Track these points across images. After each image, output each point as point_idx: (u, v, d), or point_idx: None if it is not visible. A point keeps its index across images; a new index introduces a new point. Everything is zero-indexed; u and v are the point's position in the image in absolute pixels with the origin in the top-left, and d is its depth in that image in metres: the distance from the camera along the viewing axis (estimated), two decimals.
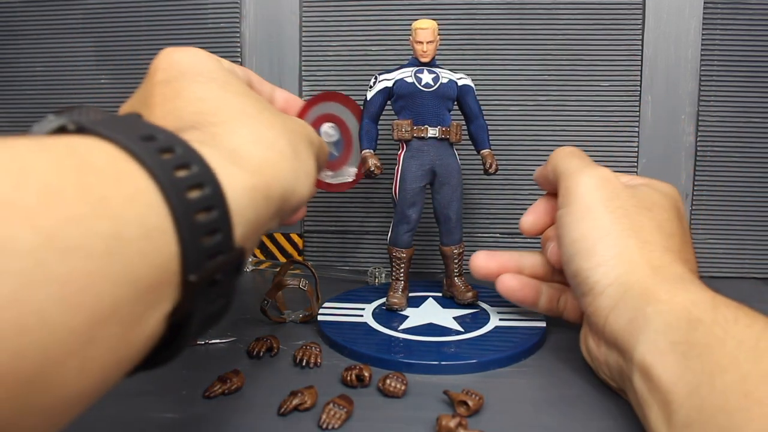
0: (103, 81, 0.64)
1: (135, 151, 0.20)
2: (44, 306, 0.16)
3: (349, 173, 0.49)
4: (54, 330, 0.16)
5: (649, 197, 0.38)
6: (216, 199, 0.22)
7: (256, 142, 0.28)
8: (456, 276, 0.49)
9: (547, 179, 0.43)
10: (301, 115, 0.46)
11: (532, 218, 0.44)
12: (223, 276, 0.22)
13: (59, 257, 0.16)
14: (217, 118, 0.28)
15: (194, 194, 0.21)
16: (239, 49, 0.62)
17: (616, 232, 0.35)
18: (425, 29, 0.46)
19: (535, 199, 0.45)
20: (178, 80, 0.30)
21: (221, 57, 0.65)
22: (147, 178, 0.20)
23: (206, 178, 0.22)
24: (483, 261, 0.44)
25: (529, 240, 0.58)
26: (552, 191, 0.43)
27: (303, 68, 0.61)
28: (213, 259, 0.22)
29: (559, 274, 0.42)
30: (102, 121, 0.22)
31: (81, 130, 0.21)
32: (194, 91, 0.29)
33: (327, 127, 0.48)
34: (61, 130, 0.21)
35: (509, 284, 0.43)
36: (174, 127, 0.27)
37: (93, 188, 0.18)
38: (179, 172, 0.21)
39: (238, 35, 0.61)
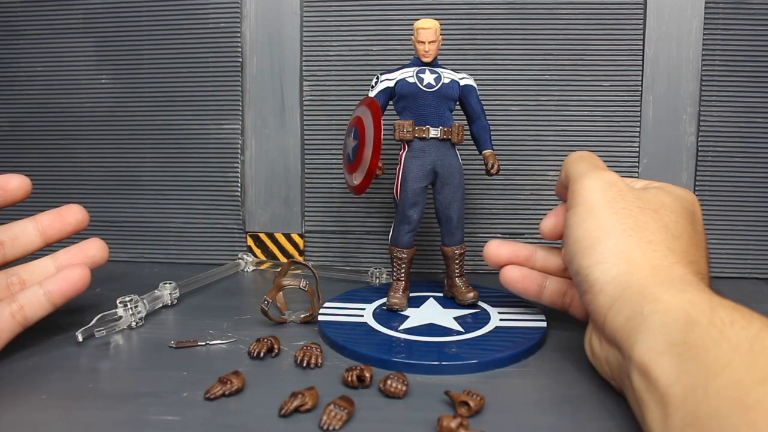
0: (103, 81, 0.64)
1: None
2: None
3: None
4: None
5: (657, 199, 0.38)
6: None
7: None
8: (457, 276, 0.49)
9: (564, 186, 0.43)
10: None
11: (552, 221, 0.43)
12: None
13: None
14: None
15: None
16: (240, 49, 0.61)
17: (618, 232, 0.35)
18: (427, 29, 0.46)
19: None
20: None
21: (221, 57, 0.65)
22: None
23: None
24: (494, 248, 0.45)
25: (527, 241, 0.58)
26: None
27: (304, 68, 0.61)
28: None
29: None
30: None
31: None
32: None
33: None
34: None
35: (510, 275, 0.45)
36: None
37: None
38: None
39: (238, 35, 0.61)
